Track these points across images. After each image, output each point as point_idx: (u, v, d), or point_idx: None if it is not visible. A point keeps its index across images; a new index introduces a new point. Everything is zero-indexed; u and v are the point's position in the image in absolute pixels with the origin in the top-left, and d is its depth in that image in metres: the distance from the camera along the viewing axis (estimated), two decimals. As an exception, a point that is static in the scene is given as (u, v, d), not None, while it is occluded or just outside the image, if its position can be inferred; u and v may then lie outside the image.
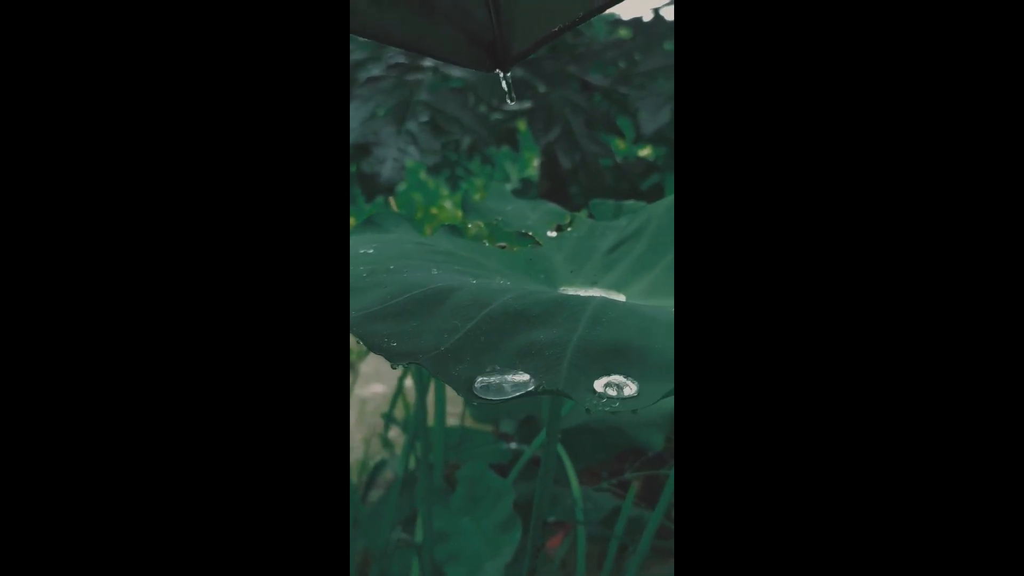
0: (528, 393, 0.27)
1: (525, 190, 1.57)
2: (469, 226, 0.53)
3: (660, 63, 1.14)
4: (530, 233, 0.53)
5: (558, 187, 1.40)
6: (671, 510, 0.82)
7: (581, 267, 0.50)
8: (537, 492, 0.45)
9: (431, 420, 0.86)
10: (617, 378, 0.28)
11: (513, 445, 0.89)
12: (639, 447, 0.87)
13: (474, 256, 0.45)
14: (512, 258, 0.48)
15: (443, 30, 0.31)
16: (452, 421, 0.94)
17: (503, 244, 0.50)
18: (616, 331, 0.32)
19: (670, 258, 0.48)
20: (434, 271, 0.38)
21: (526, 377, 0.28)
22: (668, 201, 0.52)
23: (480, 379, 0.28)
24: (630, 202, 0.59)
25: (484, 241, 0.51)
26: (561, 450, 0.77)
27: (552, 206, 0.61)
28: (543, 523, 0.46)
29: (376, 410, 1.24)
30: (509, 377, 0.28)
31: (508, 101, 0.34)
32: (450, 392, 0.94)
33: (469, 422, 0.95)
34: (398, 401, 0.90)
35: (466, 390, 0.27)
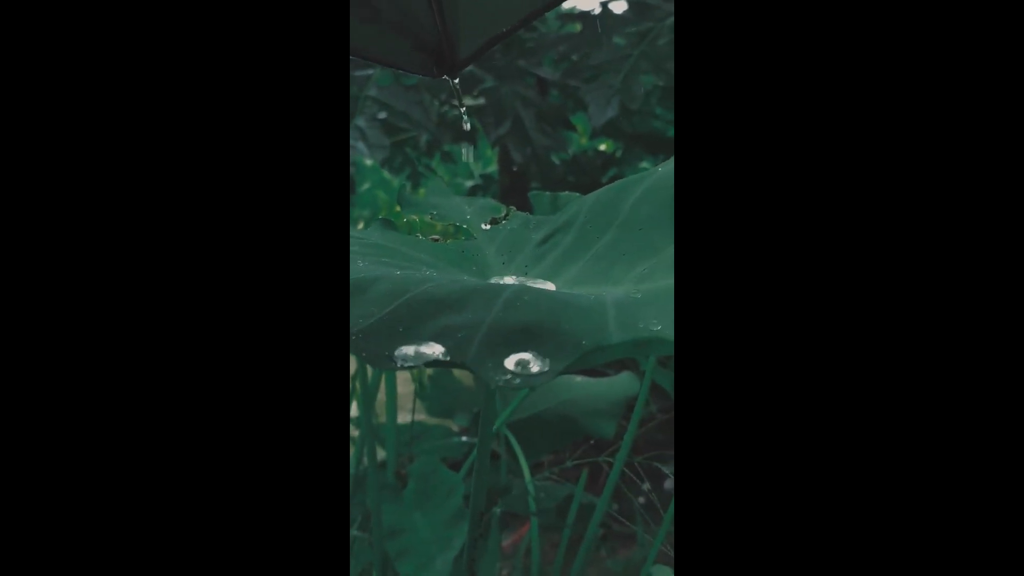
0: (437, 362, 0.30)
1: (487, 186, 1.60)
2: (404, 220, 0.56)
3: (607, 56, 1.18)
4: (465, 226, 0.55)
5: (518, 182, 1.44)
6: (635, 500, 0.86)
7: (513, 258, 0.53)
8: (474, 482, 0.48)
9: (382, 417, 0.88)
10: (525, 356, 0.31)
11: (465, 439, 0.92)
12: (592, 436, 0.91)
13: (404, 249, 0.47)
14: (444, 251, 0.50)
15: (388, 37, 0.33)
16: (406, 417, 0.97)
17: (436, 237, 0.52)
18: (529, 314, 0.35)
19: (596, 248, 0.51)
20: (360, 263, 0.41)
21: (440, 349, 0.31)
22: (597, 193, 0.56)
23: (399, 349, 0.31)
24: (565, 194, 0.62)
25: (417, 235, 0.54)
26: (515, 442, 0.80)
27: (491, 201, 0.64)
28: (498, 515, 0.48)
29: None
30: (423, 348, 0.31)
31: (458, 106, 0.37)
32: (403, 389, 0.97)
33: (422, 417, 0.98)
34: (352, 400, 0.92)
35: (382, 362, 0.30)
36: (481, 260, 0.53)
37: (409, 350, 0.30)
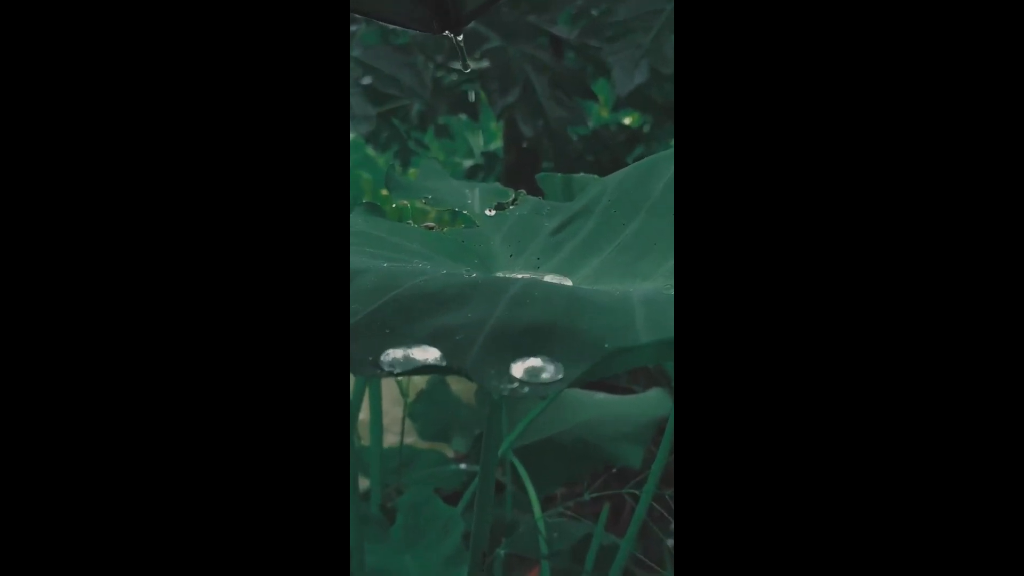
0: (431, 369, 0.30)
1: (490, 166, 1.60)
2: (394, 205, 0.56)
3: (635, 11, 1.17)
4: (465, 212, 0.56)
5: (528, 162, 1.43)
6: (659, 537, 0.86)
7: (522, 250, 0.53)
8: (475, 518, 0.48)
9: (365, 439, 0.89)
10: (536, 361, 0.31)
11: (464, 466, 0.92)
12: (615, 464, 0.91)
13: (393, 238, 0.48)
14: (440, 240, 0.51)
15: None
16: (393, 440, 0.97)
17: (430, 224, 0.53)
18: (540, 312, 0.35)
19: (622, 238, 0.51)
20: (341, 253, 0.41)
21: (435, 353, 0.31)
22: (623, 173, 0.56)
23: (386, 352, 0.31)
24: (580, 176, 0.62)
25: (409, 221, 0.54)
26: (522, 470, 0.80)
27: (495, 185, 0.64)
28: (503, 557, 0.48)
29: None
30: (415, 351, 0.31)
31: (463, 68, 0.36)
32: (391, 406, 0.97)
33: (413, 440, 0.98)
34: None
35: (365, 368, 0.30)
36: (484, 252, 0.53)
37: (398, 354, 0.30)
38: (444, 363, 0.31)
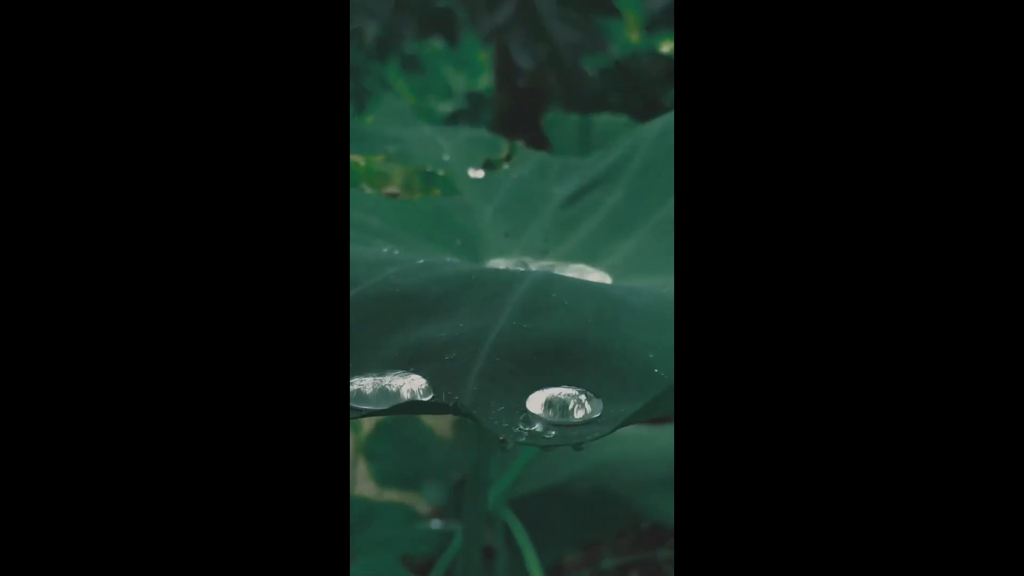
0: (415, 407, 0.29)
1: (475, 111, 1.58)
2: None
3: None
4: (442, 173, 0.54)
5: (527, 105, 1.41)
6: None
7: (523, 227, 0.52)
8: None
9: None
10: (563, 392, 0.30)
11: (438, 524, 0.91)
12: (644, 520, 0.90)
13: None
14: (409, 213, 0.50)
15: None
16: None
17: (394, 191, 0.51)
18: (561, 322, 0.34)
19: (664, 213, 0.50)
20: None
21: (421, 382, 0.30)
22: (664, 121, 0.54)
23: (353, 382, 0.29)
24: (605, 116, 0.61)
25: (363, 187, 0.53)
26: (519, 529, 0.79)
27: (480, 132, 0.63)
28: None
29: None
30: (393, 380, 0.29)
31: None
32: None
33: (369, 489, 0.96)
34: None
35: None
36: (470, 229, 0.52)
37: (365, 385, 0.29)
38: (431, 396, 0.29)
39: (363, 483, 0.95)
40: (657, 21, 1.22)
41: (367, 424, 0.96)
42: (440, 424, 1.02)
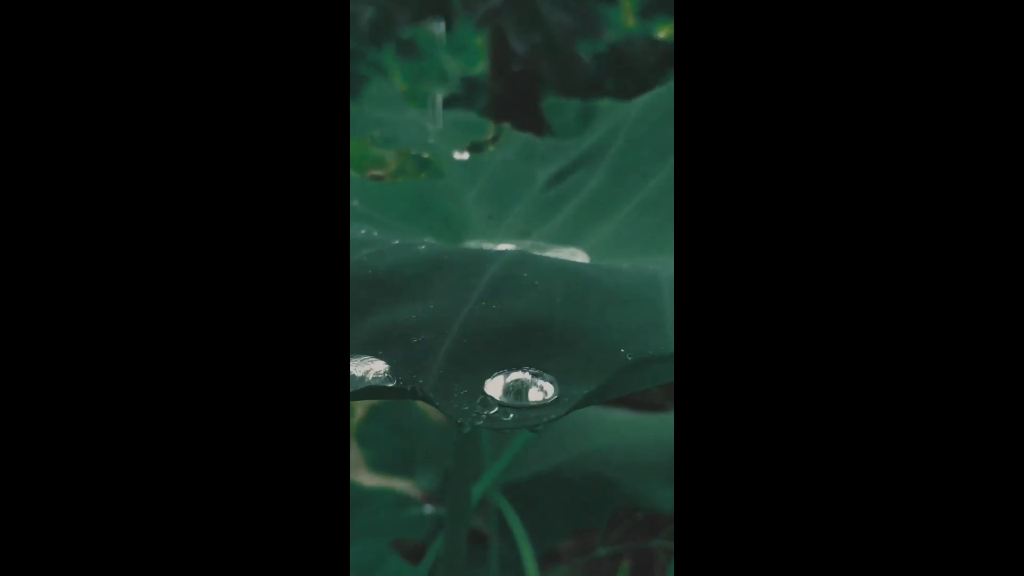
0: (376, 392, 0.29)
1: (470, 96, 1.57)
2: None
3: None
4: (426, 156, 0.54)
5: (521, 90, 1.40)
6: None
7: (506, 209, 0.52)
8: None
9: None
10: (522, 376, 0.30)
11: (430, 509, 0.91)
12: (640, 507, 0.90)
13: None
14: (390, 195, 0.49)
15: None
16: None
17: (377, 174, 0.51)
18: (531, 302, 0.34)
19: (643, 193, 0.50)
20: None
21: (382, 366, 0.30)
22: (643, 101, 0.54)
23: None
24: (606, 103, 0.60)
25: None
26: (512, 516, 0.79)
27: (469, 115, 0.63)
28: None
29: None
30: (357, 366, 0.29)
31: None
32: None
33: (361, 474, 0.96)
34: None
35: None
36: (453, 211, 0.51)
37: None
38: (394, 383, 0.29)
39: (356, 468, 0.95)
40: (652, 6, 1.21)
41: (359, 408, 0.96)
42: (433, 409, 1.02)
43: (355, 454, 0.96)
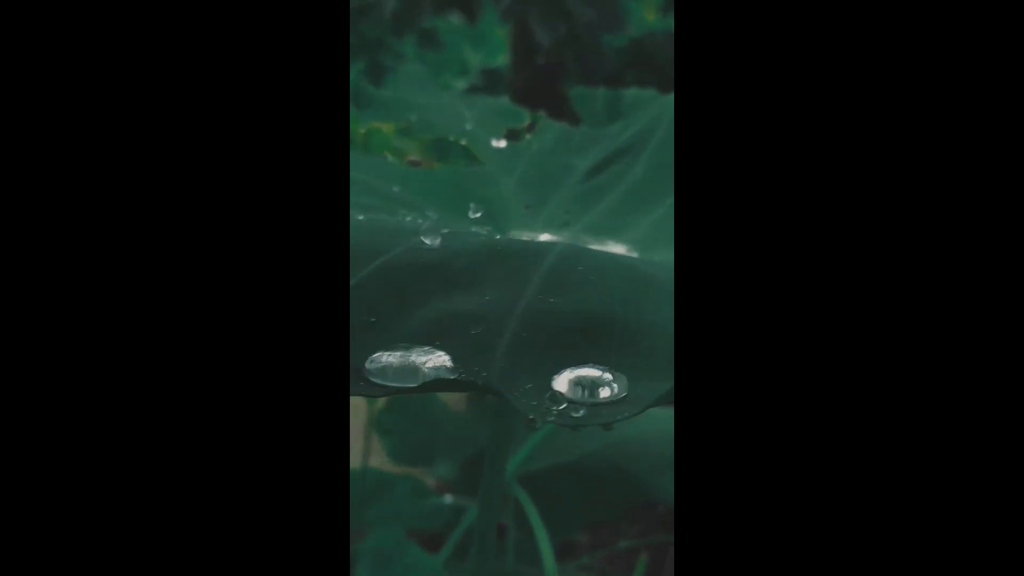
0: (442, 385, 0.28)
1: (491, 87, 1.57)
2: (362, 131, 0.53)
3: None
4: (464, 143, 0.53)
5: (544, 83, 1.40)
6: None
7: (544, 199, 0.51)
8: (472, 572, 0.47)
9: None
10: (591, 372, 0.29)
11: (450, 499, 0.91)
12: (658, 501, 0.90)
13: (366, 177, 0.46)
14: (430, 182, 0.49)
15: None
16: (354, 462, 0.95)
17: (415, 159, 0.50)
18: (588, 298, 0.33)
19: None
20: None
21: (445, 359, 0.29)
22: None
23: (373, 359, 0.28)
24: (632, 91, 0.60)
25: (386, 155, 0.52)
26: (530, 507, 0.79)
27: (502, 101, 0.62)
28: None
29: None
30: (417, 357, 0.28)
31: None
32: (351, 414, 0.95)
33: (381, 462, 0.96)
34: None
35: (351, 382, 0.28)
36: (492, 200, 0.51)
37: (390, 360, 0.28)
38: (458, 374, 0.28)
39: (376, 456, 0.95)
40: (674, 2, 1.20)
41: (379, 398, 0.96)
42: (453, 399, 1.01)
43: (375, 442, 0.95)
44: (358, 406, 0.97)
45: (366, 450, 0.92)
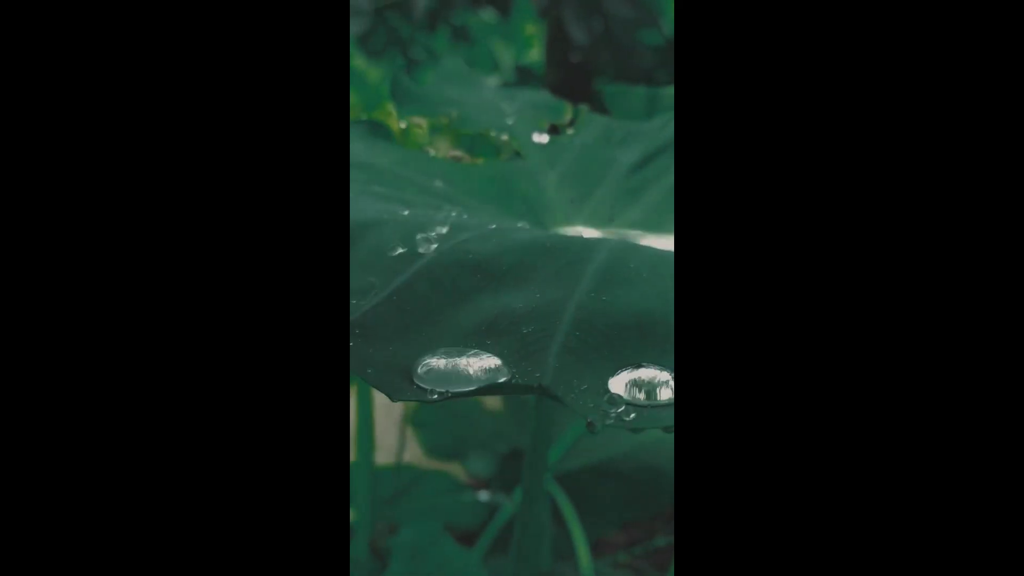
0: (495, 388, 0.27)
1: (523, 84, 1.56)
2: (402, 124, 0.53)
3: None
4: (506, 137, 0.53)
5: (574, 80, 1.39)
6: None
7: (588, 194, 0.50)
8: (512, 567, 0.47)
9: (353, 453, 0.87)
10: (647, 372, 0.28)
11: (485, 495, 0.91)
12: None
13: (409, 173, 0.45)
14: (473, 177, 0.48)
15: None
16: (388, 456, 0.95)
17: (457, 154, 0.50)
18: (642, 295, 0.32)
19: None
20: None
21: (496, 362, 0.28)
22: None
23: (424, 362, 0.28)
24: (670, 88, 0.59)
25: (428, 149, 0.51)
26: (566, 505, 0.78)
27: (543, 94, 0.61)
28: None
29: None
30: (468, 361, 0.28)
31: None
32: (384, 405, 0.95)
33: (417, 458, 0.96)
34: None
35: (392, 384, 0.27)
36: (535, 195, 0.50)
37: (439, 365, 0.27)
38: (510, 376, 0.27)
39: (410, 451, 0.95)
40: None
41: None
42: (487, 397, 1.01)
43: (410, 438, 0.95)
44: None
45: (401, 445, 0.92)
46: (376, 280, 0.31)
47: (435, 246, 0.34)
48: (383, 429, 0.95)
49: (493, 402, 0.99)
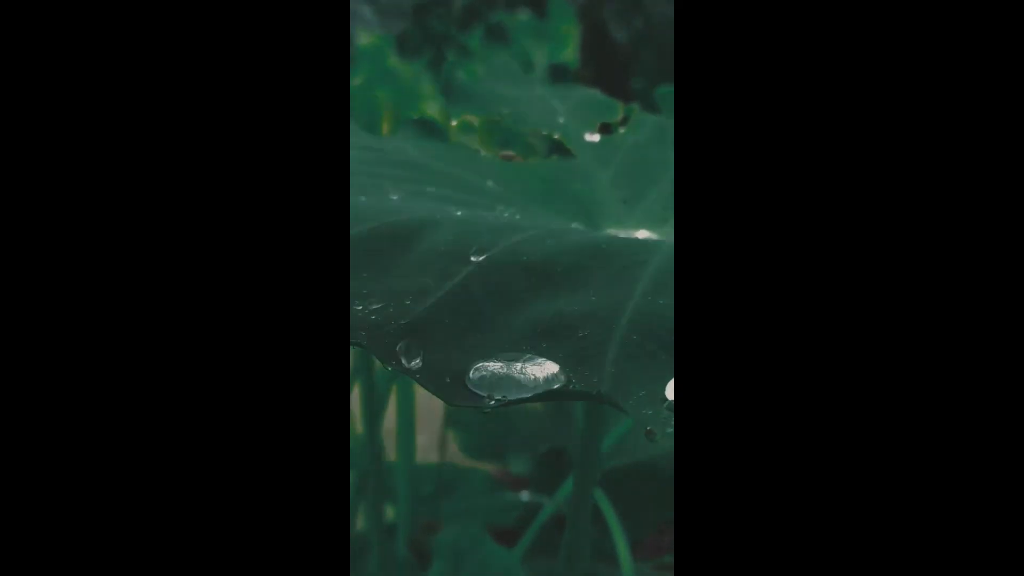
0: (553, 395, 0.27)
1: (558, 83, 1.56)
2: (454, 123, 0.52)
3: None
4: (557, 136, 0.52)
5: (610, 79, 1.39)
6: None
7: (641, 195, 0.50)
8: (563, 567, 0.46)
9: (392, 453, 0.87)
10: None
11: (526, 496, 0.90)
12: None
13: (460, 172, 0.45)
14: (525, 177, 0.48)
15: None
16: (428, 456, 0.95)
17: (509, 153, 0.49)
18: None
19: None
20: (392, 196, 0.38)
21: (554, 368, 0.28)
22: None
23: (478, 368, 0.27)
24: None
25: (478, 149, 0.51)
26: (606, 505, 0.77)
27: (594, 93, 0.60)
28: None
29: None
30: (524, 367, 0.27)
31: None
32: (425, 404, 0.94)
33: (456, 457, 0.95)
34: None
35: (449, 389, 0.27)
36: (587, 195, 0.49)
37: (496, 369, 0.27)
38: (566, 382, 0.27)
39: (450, 451, 0.95)
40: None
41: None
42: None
43: (450, 437, 0.95)
44: (433, 400, 0.97)
45: (442, 443, 0.92)
46: (431, 280, 0.31)
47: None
48: (425, 429, 0.95)
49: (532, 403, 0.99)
